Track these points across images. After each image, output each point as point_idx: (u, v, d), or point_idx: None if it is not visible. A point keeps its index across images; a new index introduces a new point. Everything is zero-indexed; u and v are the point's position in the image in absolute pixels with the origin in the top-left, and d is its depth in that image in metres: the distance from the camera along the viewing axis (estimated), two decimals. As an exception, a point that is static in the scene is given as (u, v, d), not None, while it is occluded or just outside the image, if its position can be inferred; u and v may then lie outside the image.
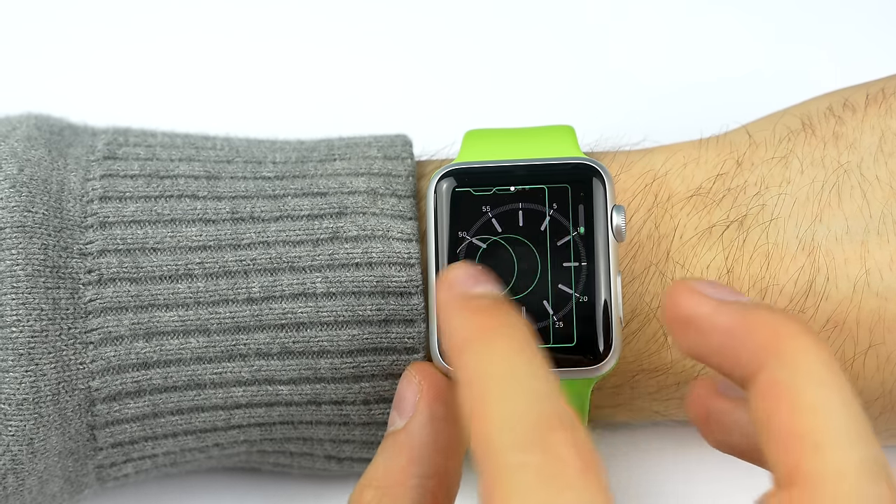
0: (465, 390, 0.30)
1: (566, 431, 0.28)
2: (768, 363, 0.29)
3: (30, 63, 0.52)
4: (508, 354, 0.30)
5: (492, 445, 0.28)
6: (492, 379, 0.29)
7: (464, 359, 0.30)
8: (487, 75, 0.52)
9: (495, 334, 0.30)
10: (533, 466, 0.28)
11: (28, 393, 0.36)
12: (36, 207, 0.36)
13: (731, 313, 0.30)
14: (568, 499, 0.27)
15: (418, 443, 0.34)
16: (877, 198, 0.37)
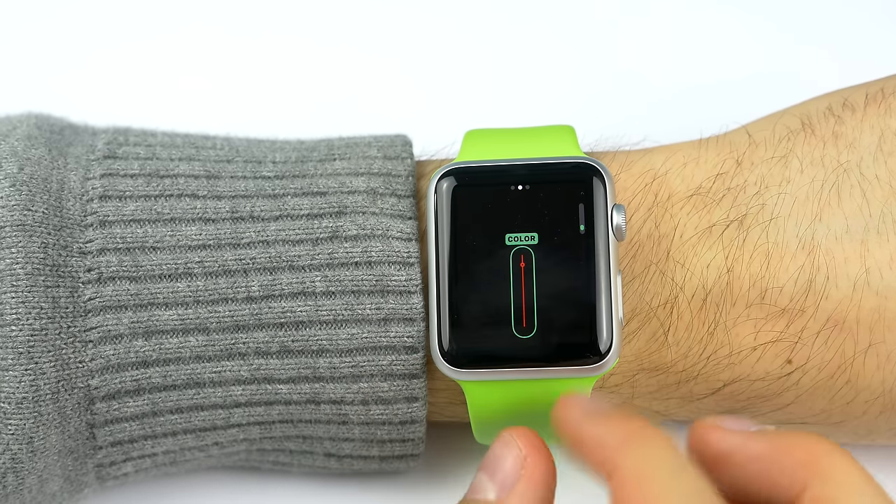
0: (627, 487, 0.30)
1: None
2: (812, 482, 0.31)
3: (30, 63, 0.52)
4: (666, 454, 0.31)
5: None
6: (657, 476, 0.30)
7: (623, 460, 0.31)
8: (487, 76, 0.52)
9: (647, 437, 0.31)
10: None
11: (28, 391, 0.36)
12: (36, 206, 0.37)
13: (762, 441, 0.32)
14: None
15: None
16: (876, 197, 0.37)
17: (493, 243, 0.37)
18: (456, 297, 0.36)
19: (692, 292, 0.38)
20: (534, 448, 0.34)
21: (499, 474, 0.33)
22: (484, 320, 0.36)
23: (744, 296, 0.37)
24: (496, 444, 0.34)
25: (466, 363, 0.36)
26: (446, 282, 0.36)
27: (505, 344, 0.36)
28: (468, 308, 0.36)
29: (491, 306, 0.36)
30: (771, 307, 0.37)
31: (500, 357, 0.36)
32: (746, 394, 0.39)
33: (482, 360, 0.36)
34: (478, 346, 0.36)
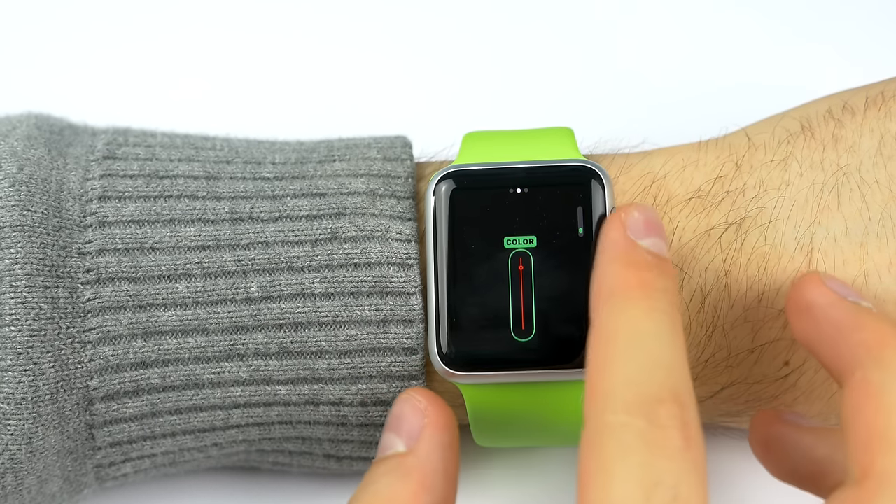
0: (592, 342, 0.32)
1: (676, 407, 0.30)
2: (865, 363, 0.31)
3: (30, 63, 0.52)
4: (644, 317, 0.31)
5: (602, 402, 0.30)
6: (620, 338, 0.31)
7: (603, 310, 0.32)
8: (487, 78, 0.52)
9: (638, 293, 0.32)
10: (635, 429, 0.29)
11: (27, 392, 0.36)
12: (35, 206, 0.37)
13: (845, 309, 0.33)
14: (664, 467, 0.29)
15: (430, 469, 0.34)
16: (876, 200, 0.37)
17: (491, 246, 0.37)
18: (454, 300, 0.36)
19: (690, 295, 0.38)
20: (432, 398, 0.35)
21: (404, 427, 0.34)
22: (482, 323, 0.36)
23: (741, 298, 0.37)
24: (396, 404, 0.35)
25: (465, 366, 0.36)
26: (445, 284, 0.36)
27: (503, 347, 0.36)
28: (467, 311, 0.36)
29: (489, 309, 0.36)
30: (769, 309, 0.37)
31: (499, 360, 0.36)
32: (745, 397, 0.39)
33: (480, 363, 0.36)
34: (476, 349, 0.36)
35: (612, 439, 0.29)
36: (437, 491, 0.33)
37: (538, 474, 0.43)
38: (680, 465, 0.29)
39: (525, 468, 0.43)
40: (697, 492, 0.29)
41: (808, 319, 0.33)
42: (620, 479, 0.29)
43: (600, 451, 0.29)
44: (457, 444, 0.35)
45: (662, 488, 0.29)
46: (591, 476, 0.29)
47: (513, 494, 0.43)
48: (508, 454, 0.43)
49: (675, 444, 0.29)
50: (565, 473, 0.43)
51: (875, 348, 0.31)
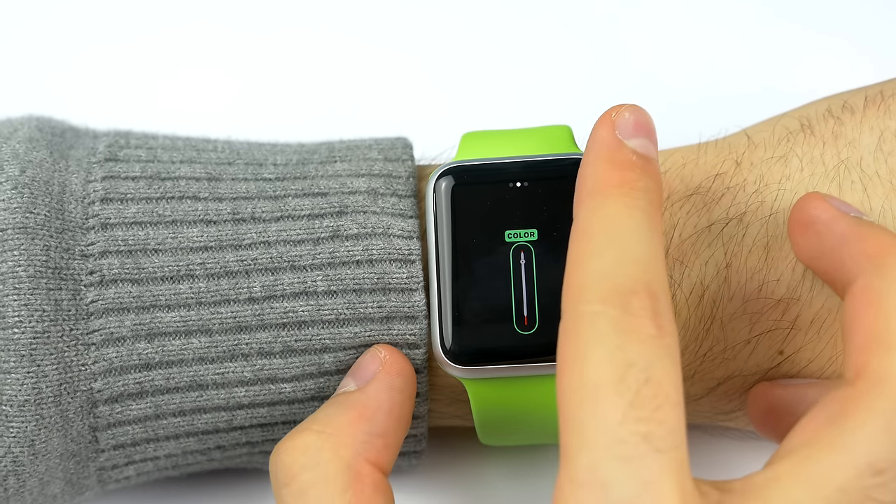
0: (572, 238, 0.32)
1: (648, 298, 0.30)
2: (867, 271, 0.32)
3: (31, 66, 0.52)
4: (621, 214, 0.32)
5: (577, 293, 0.31)
6: (598, 233, 0.32)
7: (583, 207, 0.32)
8: (488, 81, 0.52)
9: (618, 192, 0.32)
10: (609, 317, 0.30)
11: (30, 394, 0.35)
12: (38, 209, 0.37)
13: (848, 222, 0.33)
14: (636, 351, 0.29)
15: (373, 404, 0.35)
16: (877, 193, 0.38)
17: (492, 240, 0.37)
18: (457, 295, 0.36)
19: (690, 289, 0.38)
20: (393, 351, 0.37)
21: (359, 372, 0.36)
22: (485, 317, 0.36)
23: (741, 289, 0.38)
24: (363, 356, 0.37)
25: (468, 360, 0.36)
26: (447, 280, 0.36)
27: (506, 340, 0.36)
28: (469, 305, 0.36)
29: (492, 303, 0.36)
30: (767, 300, 0.37)
31: (503, 353, 0.36)
32: (740, 391, 0.39)
33: (484, 356, 0.36)
34: (479, 344, 0.36)
35: (587, 326, 0.30)
36: (377, 423, 0.35)
37: (539, 475, 0.43)
38: (652, 350, 0.30)
39: (527, 467, 0.43)
40: (670, 374, 0.29)
41: (811, 234, 0.34)
42: (594, 362, 0.29)
43: (575, 338, 0.30)
44: (410, 392, 0.36)
45: (635, 370, 0.29)
46: (567, 361, 0.30)
47: (513, 495, 0.43)
48: (511, 454, 0.43)
49: (647, 332, 0.30)
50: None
51: (877, 256, 0.32)
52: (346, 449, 0.34)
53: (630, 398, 0.29)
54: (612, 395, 0.29)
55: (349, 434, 0.34)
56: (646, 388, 0.29)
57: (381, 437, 0.35)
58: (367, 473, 0.34)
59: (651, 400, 0.29)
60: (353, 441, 0.34)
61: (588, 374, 0.29)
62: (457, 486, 0.42)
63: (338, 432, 0.34)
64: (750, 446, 0.43)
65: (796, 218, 0.34)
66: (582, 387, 0.29)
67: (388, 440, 0.35)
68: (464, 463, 0.43)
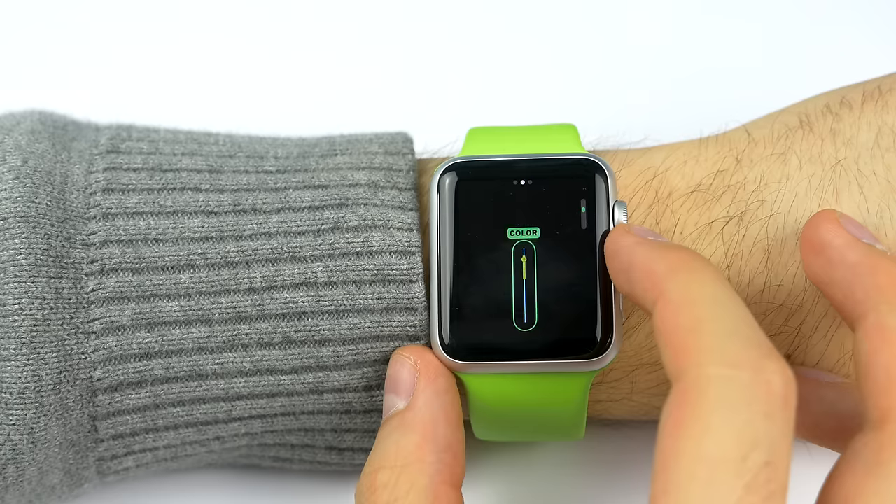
0: (671, 310, 0.31)
1: (779, 362, 0.29)
2: (880, 307, 0.31)
3: (33, 63, 0.52)
4: (715, 283, 0.31)
5: (702, 356, 0.29)
6: (704, 300, 0.31)
7: (669, 285, 0.31)
8: (490, 76, 0.52)
9: (698, 265, 0.32)
10: (740, 383, 0.28)
11: (29, 382, 0.36)
12: (39, 198, 0.37)
13: (861, 251, 0.33)
14: (763, 428, 0.28)
15: (429, 418, 0.35)
16: (874, 193, 0.38)
17: (494, 237, 0.37)
18: (457, 290, 0.36)
19: None
20: (419, 352, 0.36)
21: (400, 386, 0.36)
22: (485, 313, 0.36)
23: (743, 291, 0.38)
24: (390, 367, 0.37)
25: (467, 355, 0.36)
26: (448, 274, 0.37)
27: (505, 337, 0.36)
28: (469, 301, 0.36)
29: (492, 299, 0.36)
30: (769, 303, 0.38)
31: (501, 350, 0.36)
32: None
33: (482, 352, 0.36)
34: (478, 339, 0.36)
35: (715, 391, 0.28)
36: (440, 438, 0.35)
37: (535, 472, 0.43)
38: (777, 427, 0.28)
39: (523, 465, 0.43)
40: (787, 457, 0.28)
41: (822, 260, 0.33)
42: (719, 434, 0.28)
43: (699, 402, 0.28)
44: (453, 387, 0.36)
45: (759, 450, 0.28)
46: (685, 427, 0.28)
47: (510, 492, 0.43)
48: (506, 451, 0.43)
49: (777, 402, 0.28)
50: (563, 472, 0.43)
51: (890, 291, 0.31)
52: (421, 477, 0.34)
53: (748, 481, 0.28)
54: (732, 475, 0.28)
55: (418, 459, 0.34)
56: (764, 471, 0.28)
57: (448, 451, 0.35)
58: (443, 494, 0.34)
59: (766, 485, 0.28)
60: (424, 466, 0.34)
61: (708, 447, 0.28)
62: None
63: (407, 462, 0.34)
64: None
65: (808, 238, 0.34)
66: (698, 458, 0.28)
67: (455, 450, 0.35)
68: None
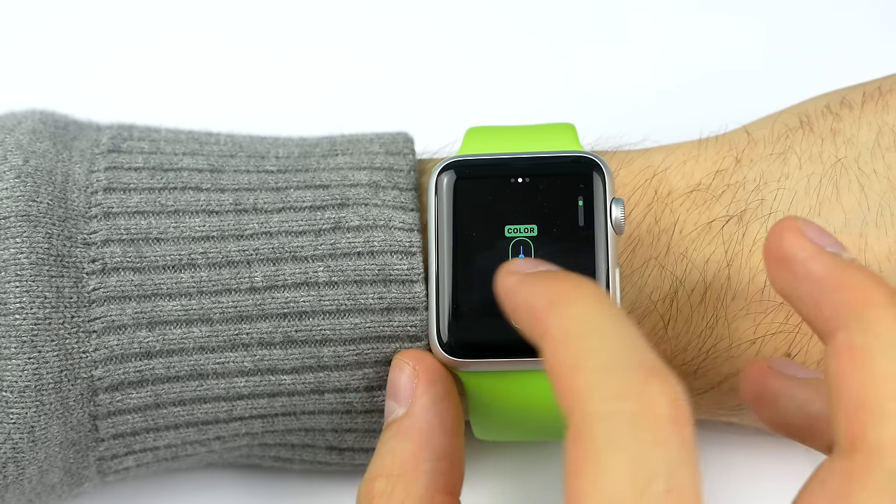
0: (552, 347, 0.30)
1: (662, 382, 0.28)
2: (849, 324, 0.29)
3: (34, 63, 0.52)
4: (593, 311, 0.30)
5: (584, 395, 0.28)
6: (582, 333, 0.29)
7: (551, 321, 0.30)
8: (490, 77, 0.52)
9: (575, 295, 0.30)
10: (626, 414, 0.28)
11: (30, 380, 0.36)
12: (40, 197, 0.37)
13: (826, 264, 0.30)
14: (657, 457, 0.27)
15: (425, 426, 0.35)
16: (875, 191, 0.38)
17: (492, 235, 0.37)
18: (455, 288, 0.36)
19: (692, 286, 0.38)
20: (419, 357, 0.36)
21: (399, 393, 0.36)
22: (483, 311, 0.36)
23: (743, 290, 0.38)
24: (391, 372, 0.37)
25: (465, 353, 0.36)
26: (446, 272, 0.37)
27: (503, 335, 0.36)
28: (467, 299, 0.36)
29: (490, 297, 0.36)
30: (770, 302, 0.38)
31: (499, 348, 0.36)
32: (746, 387, 0.39)
33: (481, 350, 0.36)
34: (477, 337, 0.36)
35: (601, 429, 0.28)
36: (436, 446, 0.35)
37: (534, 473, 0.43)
38: (672, 450, 0.27)
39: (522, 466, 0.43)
40: (690, 476, 0.27)
41: (786, 273, 0.31)
42: (612, 474, 0.27)
43: (589, 443, 0.28)
44: (452, 393, 0.36)
45: (656, 481, 0.27)
46: (581, 471, 0.28)
47: (510, 493, 0.43)
48: (504, 451, 0.43)
49: (667, 421, 0.28)
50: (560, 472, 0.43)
51: (858, 308, 0.29)
52: (416, 485, 0.34)
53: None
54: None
55: (413, 468, 0.34)
56: (667, 499, 0.27)
57: (445, 459, 0.35)
58: (439, 503, 0.34)
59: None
60: (419, 475, 0.34)
61: (605, 488, 0.27)
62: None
63: (403, 471, 0.34)
64: (753, 442, 0.43)
65: (771, 250, 0.32)
66: (599, 499, 0.27)
67: (453, 458, 0.35)
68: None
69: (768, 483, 0.42)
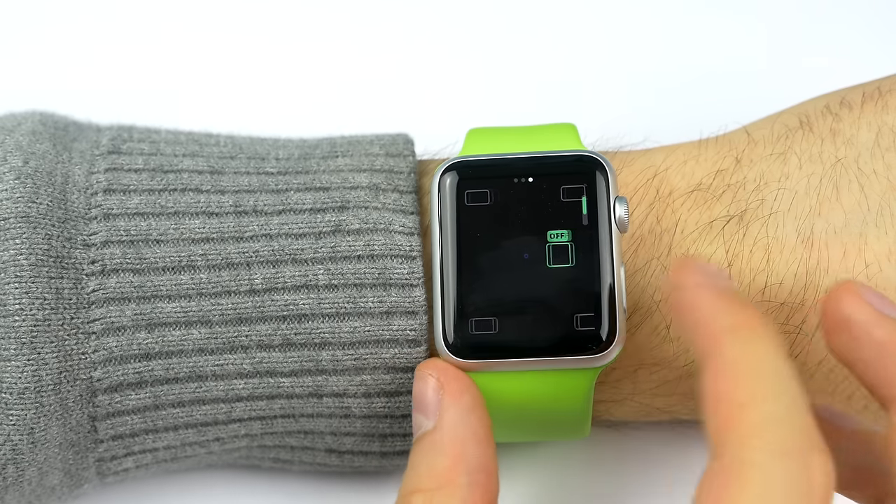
0: (720, 373, 0.29)
1: (825, 456, 0.28)
2: None
3: (34, 64, 0.52)
4: (775, 356, 0.29)
5: (747, 437, 0.28)
6: (763, 373, 0.29)
7: (731, 343, 0.30)
8: (490, 78, 0.52)
9: (761, 331, 0.30)
10: (785, 475, 0.28)
11: (30, 382, 0.36)
12: (40, 199, 0.37)
13: (887, 329, 0.31)
14: None
15: (458, 439, 0.34)
16: (875, 191, 0.38)
17: (496, 235, 0.37)
18: (460, 289, 0.36)
19: None
20: (442, 368, 0.36)
21: (426, 407, 0.35)
22: (488, 312, 0.36)
23: (744, 290, 0.38)
24: (415, 384, 0.36)
25: (471, 354, 0.36)
26: (451, 274, 0.36)
27: (509, 335, 0.36)
28: (472, 299, 0.36)
29: (495, 297, 0.36)
30: (771, 302, 0.38)
31: (504, 348, 0.36)
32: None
33: (486, 351, 0.36)
34: (482, 338, 0.36)
35: (757, 479, 0.27)
36: (470, 458, 0.34)
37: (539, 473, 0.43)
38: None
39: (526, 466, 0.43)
40: None
41: (846, 337, 0.31)
42: None
43: (738, 484, 0.27)
44: (480, 402, 0.35)
45: None
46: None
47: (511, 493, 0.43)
48: (509, 451, 0.43)
49: (817, 497, 0.28)
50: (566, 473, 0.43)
51: None
52: (453, 500, 0.33)
53: None
54: None
55: (450, 482, 0.34)
56: None
57: (481, 470, 0.34)
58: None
59: None
60: (456, 489, 0.33)
61: None
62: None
63: (439, 485, 0.34)
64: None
65: (829, 313, 0.32)
66: None
67: (488, 468, 0.34)
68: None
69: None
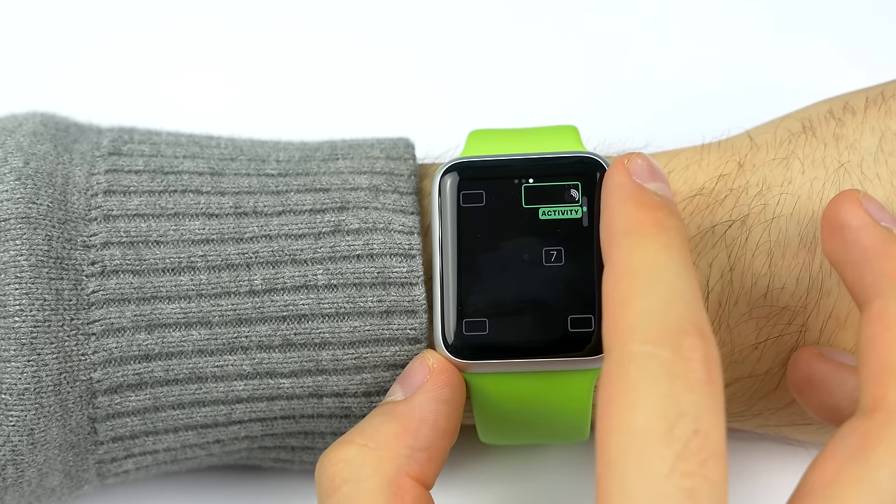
0: (610, 278, 0.32)
1: (699, 339, 0.30)
2: (886, 293, 0.31)
3: (36, 65, 0.53)
4: (660, 253, 0.31)
5: (626, 333, 0.30)
6: (639, 272, 0.31)
7: (618, 248, 0.32)
8: (492, 82, 0.52)
9: (653, 231, 0.32)
10: (660, 359, 0.29)
11: (29, 383, 0.36)
12: (40, 199, 0.37)
13: (875, 235, 0.32)
14: (687, 399, 0.29)
15: (418, 416, 0.35)
16: (878, 195, 0.38)
17: (496, 236, 0.37)
18: (460, 290, 0.36)
19: None
20: (441, 360, 0.36)
21: (407, 381, 0.36)
22: (488, 312, 0.36)
23: (746, 294, 0.38)
24: (412, 362, 0.37)
25: (470, 355, 0.36)
26: (451, 275, 0.36)
27: (509, 336, 0.36)
28: (472, 300, 0.36)
29: (495, 298, 0.36)
30: (773, 306, 0.37)
31: (504, 349, 0.36)
32: (749, 393, 0.39)
33: (486, 351, 0.36)
34: (482, 338, 0.36)
35: (636, 368, 0.29)
36: (421, 437, 0.34)
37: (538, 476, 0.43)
38: (702, 398, 0.29)
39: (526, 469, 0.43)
40: (717, 425, 0.29)
41: (837, 239, 0.33)
42: (644, 408, 0.29)
43: (623, 379, 0.29)
44: (457, 402, 0.36)
45: (685, 420, 0.28)
46: (613, 404, 0.29)
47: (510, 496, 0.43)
48: (508, 454, 0.43)
49: (698, 376, 0.29)
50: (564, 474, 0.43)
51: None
52: (388, 463, 0.34)
53: (678, 450, 0.28)
54: (661, 445, 0.28)
55: (392, 448, 0.34)
56: (694, 439, 0.28)
57: (425, 451, 0.34)
58: (408, 489, 0.34)
59: (698, 453, 0.28)
60: (395, 455, 0.34)
61: (636, 421, 0.29)
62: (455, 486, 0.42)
63: (380, 446, 0.34)
64: (755, 448, 0.42)
65: (828, 217, 0.34)
66: (628, 433, 0.29)
67: (432, 454, 0.35)
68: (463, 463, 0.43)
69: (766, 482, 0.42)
